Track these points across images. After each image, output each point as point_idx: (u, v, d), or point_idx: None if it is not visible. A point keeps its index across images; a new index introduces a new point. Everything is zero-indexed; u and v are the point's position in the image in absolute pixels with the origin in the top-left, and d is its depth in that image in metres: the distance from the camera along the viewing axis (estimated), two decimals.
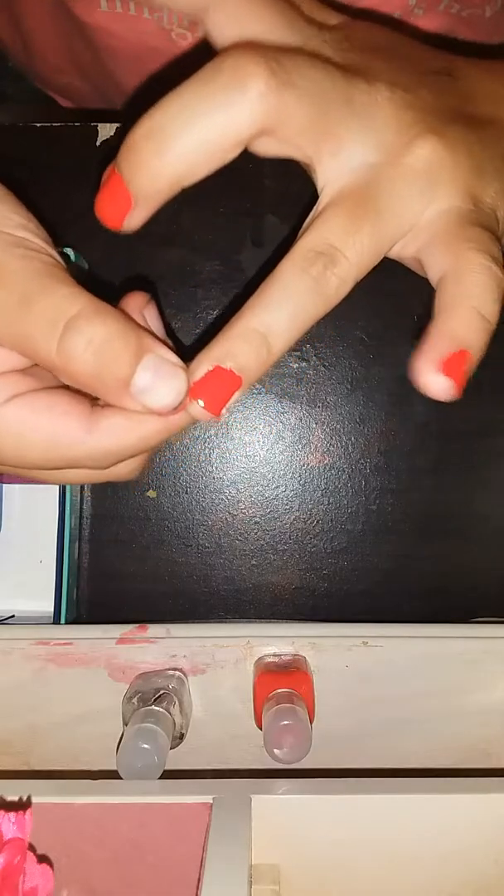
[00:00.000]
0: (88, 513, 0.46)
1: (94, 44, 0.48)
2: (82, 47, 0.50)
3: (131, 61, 0.49)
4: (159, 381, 0.24)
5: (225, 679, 0.39)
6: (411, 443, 0.46)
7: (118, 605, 0.45)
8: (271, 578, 0.46)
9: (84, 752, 0.39)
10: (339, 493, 0.46)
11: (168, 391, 0.24)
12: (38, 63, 0.55)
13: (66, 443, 0.25)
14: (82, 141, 0.46)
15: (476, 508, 0.46)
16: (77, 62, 0.52)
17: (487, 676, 0.40)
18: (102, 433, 0.25)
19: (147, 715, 0.35)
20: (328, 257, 0.24)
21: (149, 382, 0.24)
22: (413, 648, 0.40)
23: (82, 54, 0.51)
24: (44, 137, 0.47)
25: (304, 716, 0.35)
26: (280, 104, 0.23)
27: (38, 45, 0.53)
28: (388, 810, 0.30)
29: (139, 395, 0.24)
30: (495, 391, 0.46)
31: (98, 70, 0.51)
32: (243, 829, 0.28)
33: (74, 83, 0.56)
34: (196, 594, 0.46)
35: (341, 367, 0.46)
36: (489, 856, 0.30)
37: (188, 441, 0.46)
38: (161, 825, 0.29)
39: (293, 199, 0.46)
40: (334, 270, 0.24)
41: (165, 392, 0.24)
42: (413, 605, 0.46)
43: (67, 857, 0.29)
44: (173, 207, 0.45)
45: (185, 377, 0.24)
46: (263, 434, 0.46)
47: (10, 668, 0.39)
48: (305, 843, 0.30)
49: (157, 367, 0.24)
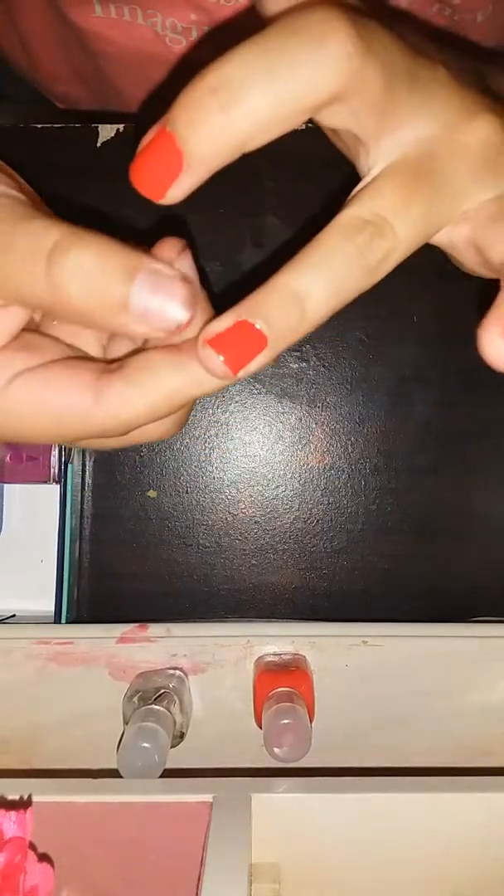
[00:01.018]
0: (89, 512, 0.46)
1: (90, 49, 0.48)
2: (80, 53, 0.50)
3: (127, 67, 0.49)
4: (158, 296, 0.22)
5: (225, 678, 0.39)
6: (411, 443, 0.46)
7: (119, 605, 0.45)
8: (271, 578, 0.46)
9: (85, 751, 0.39)
10: (339, 493, 0.46)
11: (170, 305, 0.22)
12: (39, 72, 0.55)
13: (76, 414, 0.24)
14: (83, 142, 0.46)
15: (476, 508, 0.46)
16: (75, 69, 0.52)
17: (487, 676, 0.40)
18: (110, 401, 0.24)
19: (147, 714, 0.35)
20: (376, 228, 0.23)
21: (146, 300, 0.22)
22: (413, 648, 0.40)
23: (80, 61, 0.51)
24: (44, 138, 0.47)
25: (303, 715, 0.35)
26: (362, 71, 0.21)
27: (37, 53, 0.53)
28: (388, 809, 0.30)
29: (141, 317, 0.22)
30: (495, 391, 0.46)
31: (96, 76, 0.52)
32: (243, 828, 0.28)
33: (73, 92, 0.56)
34: (196, 594, 0.46)
35: (341, 367, 0.46)
36: (489, 854, 0.30)
37: (188, 441, 0.46)
38: (161, 824, 0.29)
39: (293, 199, 0.46)
40: (381, 243, 0.23)
41: (166, 306, 0.22)
42: (413, 605, 0.46)
43: (68, 855, 0.29)
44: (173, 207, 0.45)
45: (186, 289, 0.22)
46: (263, 434, 0.46)
47: (11, 668, 0.39)
48: (305, 842, 0.30)
49: (154, 283, 0.22)
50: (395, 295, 0.45)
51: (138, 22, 0.45)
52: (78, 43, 0.49)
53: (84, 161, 0.46)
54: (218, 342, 0.22)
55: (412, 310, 0.46)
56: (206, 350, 0.22)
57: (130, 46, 0.47)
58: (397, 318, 0.46)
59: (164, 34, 0.46)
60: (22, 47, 0.53)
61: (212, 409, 0.46)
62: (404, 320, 0.46)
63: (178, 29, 0.45)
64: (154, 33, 0.46)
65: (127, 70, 0.49)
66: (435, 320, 0.46)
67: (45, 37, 0.51)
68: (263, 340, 0.22)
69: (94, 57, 0.49)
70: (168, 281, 0.22)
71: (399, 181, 0.23)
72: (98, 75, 0.51)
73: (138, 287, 0.22)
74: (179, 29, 0.45)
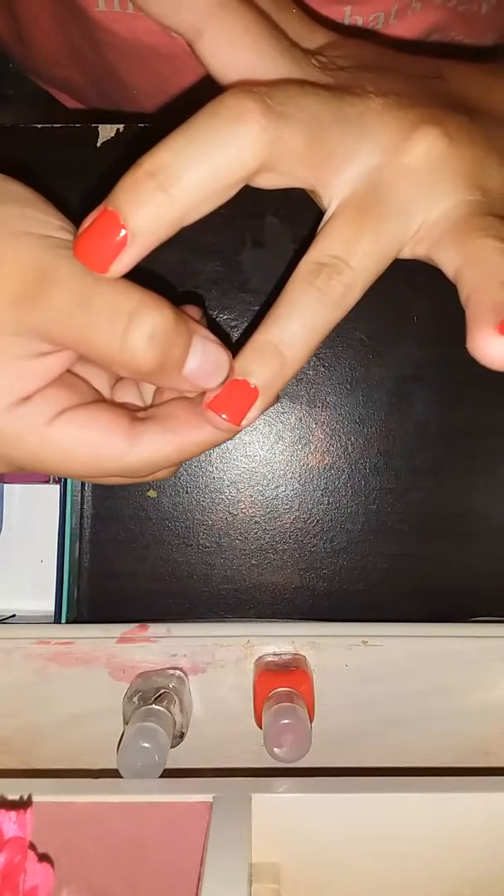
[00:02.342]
0: (89, 512, 0.46)
1: (93, 37, 0.48)
2: (81, 39, 0.50)
3: (131, 58, 0.49)
4: (206, 360, 0.25)
5: (225, 678, 0.39)
6: (411, 443, 0.46)
7: (118, 605, 0.45)
8: (271, 578, 0.46)
9: (85, 751, 0.39)
10: (339, 493, 0.46)
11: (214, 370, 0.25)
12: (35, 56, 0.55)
13: (110, 456, 0.26)
14: (83, 142, 0.46)
15: (476, 508, 0.46)
16: (75, 55, 0.52)
17: (487, 675, 0.40)
18: (144, 446, 0.27)
19: (147, 714, 0.35)
20: (332, 268, 0.25)
21: (198, 364, 0.25)
22: (413, 647, 0.40)
23: (81, 46, 0.51)
24: (44, 139, 0.47)
25: (303, 715, 0.35)
26: (276, 137, 0.24)
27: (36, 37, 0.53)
28: (388, 809, 0.30)
29: (190, 376, 0.25)
30: (495, 391, 0.46)
31: (97, 63, 0.51)
32: (243, 828, 0.28)
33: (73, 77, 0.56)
34: (196, 593, 0.46)
35: (341, 367, 0.46)
36: (489, 854, 0.30)
37: None
38: (161, 824, 0.29)
39: (293, 199, 0.46)
40: (340, 279, 0.25)
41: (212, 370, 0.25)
42: (413, 605, 0.46)
43: (68, 855, 0.29)
44: None
45: (227, 355, 0.26)
46: (263, 434, 0.46)
47: (11, 668, 0.39)
48: (305, 842, 0.30)
49: (204, 349, 0.25)
50: (395, 295, 0.45)
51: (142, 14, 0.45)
52: (80, 28, 0.49)
53: (84, 161, 0.46)
54: (217, 404, 0.26)
55: (412, 310, 0.46)
56: (209, 413, 0.26)
57: (134, 40, 0.47)
58: (397, 318, 0.46)
59: None
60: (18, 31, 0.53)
61: None
62: (404, 320, 0.46)
63: None
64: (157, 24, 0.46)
65: (131, 62, 0.49)
66: (435, 320, 0.46)
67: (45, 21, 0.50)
68: (254, 392, 0.25)
69: (97, 46, 0.49)
70: (215, 349, 0.25)
71: (346, 218, 0.25)
72: (99, 62, 0.51)
73: (193, 353, 0.25)
74: None
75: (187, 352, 0.25)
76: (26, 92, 0.62)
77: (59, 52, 0.53)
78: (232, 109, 0.23)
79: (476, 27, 0.47)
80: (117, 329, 0.24)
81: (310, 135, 0.24)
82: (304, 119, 0.24)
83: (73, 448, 0.26)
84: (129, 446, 0.26)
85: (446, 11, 0.45)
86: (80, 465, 0.27)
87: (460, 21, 0.46)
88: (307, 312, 0.25)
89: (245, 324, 0.46)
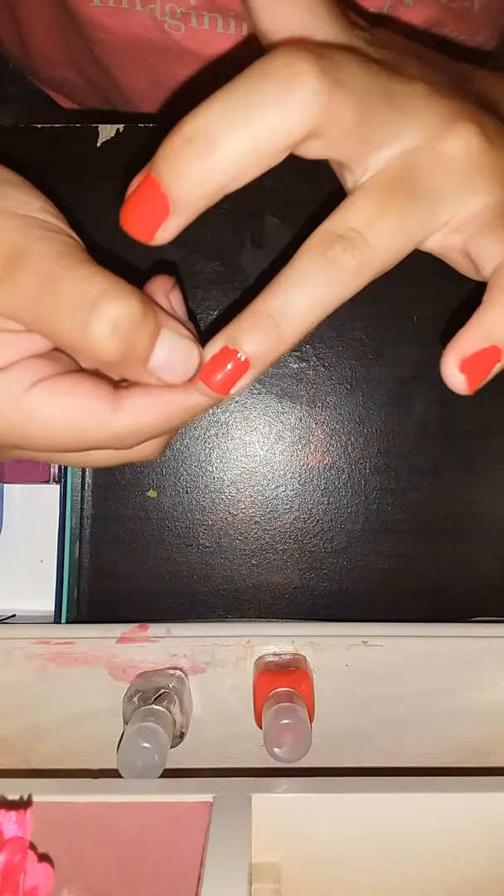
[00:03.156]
0: (89, 512, 0.46)
1: (88, 38, 0.48)
2: (77, 40, 0.50)
3: (125, 55, 0.49)
4: (174, 356, 0.24)
5: (225, 678, 0.39)
6: (411, 443, 0.46)
7: (118, 605, 0.45)
8: (271, 578, 0.46)
9: (84, 751, 0.39)
10: (339, 493, 0.46)
11: (182, 366, 0.24)
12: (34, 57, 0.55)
13: (93, 423, 0.25)
14: (83, 142, 0.46)
15: (476, 508, 0.46)
16: (72, 55, 0.52)
17: (487, 675, 0.40)
18: (127, 411, 0.25)
19: (147, 714, 0.35)
20: (348, 241, 0.23)
21: (166, 357, 0.24)
22: (413, 647, 0.40)
23: (77, 47, 0.51)
24: (44, 139, 0.47)
25: (303, 715, 0.35)
26: (331, 105, 0.22)
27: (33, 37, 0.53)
28: (388, 809, 0.30)
29: (155, 370, 0.24)
30: (495, 391, 0.46)
31: (93, 63, 0.52)
32: (243, 828, 0.28)
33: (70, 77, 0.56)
34: (196, 593, 0.46)
35: (341, 367, 0.46)
36: (489, 854, 0.30)
37: (188, 441, 0.46)
38: (161, 824, 0.29)
39: (293, 199, 0.46)
40: (354, 254, 0.23)
41: (180, 366, 0.24)
42: (412, 605, 0.46)
43: (68, 855, 0.29)
44: None
45: (197, 351, 0.24)
46: (263, 434, 0.46)
47: (11, 668, 0.39)
48: (306, 842, 0.30)
49: (172, 344, 0.24)
50: (395, 295, 0.45)
51: (137, 8, 0.45)
52: (75, 29, 0.49)
53: (84, 161, 0.46)
54: (205, 372, 0.24)
55: (412, 310, 0.46)
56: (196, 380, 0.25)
57: (129, 34, 0.47)
58: (397, 318, 0.46)
59: (164, 20, 0.46)
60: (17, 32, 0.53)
61: (212, 410, 0.46)
62: (404, 320, 0.46)
63: (178, 14, 0.45)
64: (153, 19, 0.46)
65: (125, 58, 0.49)
66: (435, 320, 0.46)
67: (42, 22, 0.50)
68: (245, 365, 0.24)
69: (92, 46, 0.49)
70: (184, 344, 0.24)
71: (373, 193, 0.24)
72: (95, 63, 0.51)
73: (160, 347, 0.24)
74: (178, 14, 0.45)
75: (153, 345, 0.24)
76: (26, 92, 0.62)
77: (56, 52, 0.53)
78: (284, 70, 0.22)
79: (468, 24, 0.47)
80: (79, 317, 0.23)
81: (360, 107, 0.23)
82: (357, 90, 0.23)
83: (52, 415, 0.25)
84: (112, 412, 0.25)
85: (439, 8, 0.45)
86: (60, 433, 0.25)
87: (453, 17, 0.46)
88: (313, 285, 0.24)
89: None
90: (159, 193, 0.23)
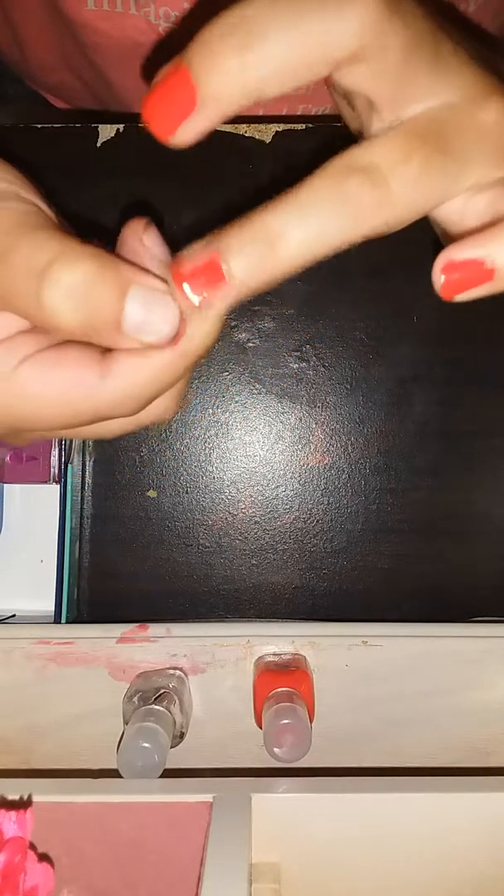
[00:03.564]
0: (89, 512, 0.46)
1: (83, 42, 0.48)
2: (72, 44, 0.50)
3: (120, 58, 0.49)
4: (150, 312, 0.22)
5: (225, 678, 0.39)
6: (411, 443, 0.46)
7: (118, 605, 0.45)
8: (271, 578, 0.46)
9: (85, 751, 0.39)
10: (339, 493, 0.46)
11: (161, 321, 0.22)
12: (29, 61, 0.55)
13: (83, 393, 0.24)
14: (83, 142, 0.46)
15: (476, 508, 0.46)
16: (67, 59, 0.52)
17: (487, 675, 0.40)
18: (116, 377, 0.24)
19: (147, 714, 0.35)
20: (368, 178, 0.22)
21: (140, 316, 0.22)
22: (412, 647, 0.40)
23: (72, 51, 0.51)
24: (44, 139, 0.47)
25: (303, 715, 0.35)
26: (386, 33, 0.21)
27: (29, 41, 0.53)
28: (388, 809, 0.30)
29: (133, 333, 0.22)
30: (495, 391, 0.46)
31: (88, 67, 0.52)
32: (243, 828, 0.28)
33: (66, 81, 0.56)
34: (196, 594, 0.46)
35: (341, 367, 0.46)
36: (489, 854, 0.30)
37: (188, 441, 0.46)
38: (161, 824, 0.29)
39: None
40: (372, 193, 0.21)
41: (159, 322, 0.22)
42: (412, 605, 0.46)
43: (68, 855, 0.29)
44: (173, 207, 0.45)
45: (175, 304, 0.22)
46: (263, 434, 0.46)
47: (12, 668, 0.39)
48: (305, 842, 0.30)
49: (145, 298, 0.22)
50: (395, 295, 0.45)
51: (131, 12, 0.45)
52: (71, 36, 0.49)
53: (84, 161, 0.46)
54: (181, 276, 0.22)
55: (412, 310, 0.46)
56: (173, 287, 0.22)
57: (123, 38, 0.47)
58: (397, 318, 0.46)
59: (158, 23, 0.46)
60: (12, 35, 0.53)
61: (212, 409, 0.46)
62: (404, 320, 0.46)
63: (172, 18, 0.45)
64: (147, 23, 0.46)
65: (120, 62, 0.49)
66: (435, 320, 0.46)
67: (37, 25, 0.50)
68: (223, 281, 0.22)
69: (86, 50, 0.49)
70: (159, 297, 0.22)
71: (403, 138, 0.22)
72: (89, 66, 0.51)
73: (131, 304, 0.22)
74: (172, 18, 0.45)
75: (121, 305, 0.21)
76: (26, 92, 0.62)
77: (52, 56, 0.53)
78: None
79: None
80: (31, 288, 0.21)
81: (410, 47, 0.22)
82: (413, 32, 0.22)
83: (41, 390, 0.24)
84: (101, 379, 0.23)
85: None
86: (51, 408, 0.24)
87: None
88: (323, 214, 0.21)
89: (245, 323, 0.46)
90: (188, 84, 0.21)
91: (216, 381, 0.46)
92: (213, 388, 0.46)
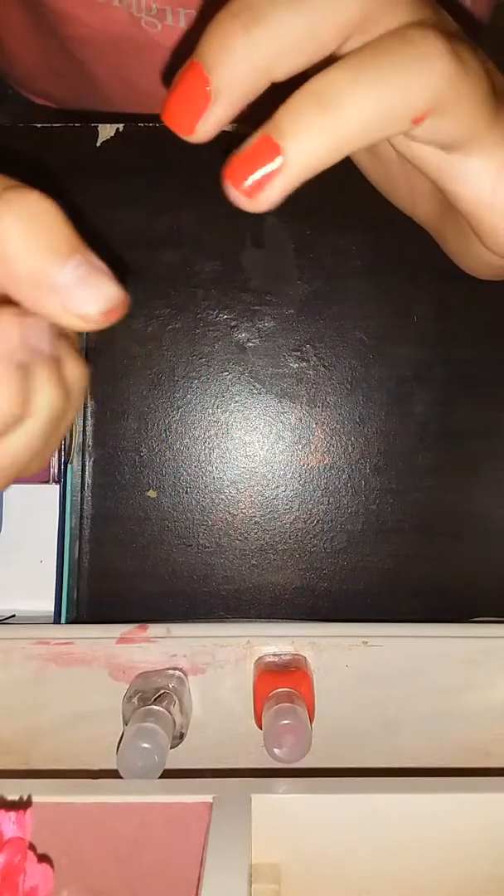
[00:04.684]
0: (88, 513, 0.46)
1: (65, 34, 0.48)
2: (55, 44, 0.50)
3: (102, 51, 0.49)
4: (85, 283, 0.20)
5: (225, 678, 0.39)
6: (411, 443, 0.46)
7: (118, 605, 0.45)
8: (271, 578, 0.46)
9: (84, 752, 0.39)
10: (339, 493, 0.46)
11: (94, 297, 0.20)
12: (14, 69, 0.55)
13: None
14: (83, 142, 0.46)
15: (476, 508, 0.46)
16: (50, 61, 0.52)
17: (487, 676, 0.40)
18: None
19: (147, 714, 0.35)
20: None
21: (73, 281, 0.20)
22: (413, 648, 0.40)
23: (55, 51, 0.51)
24: (44, 138, 0.47)
25: (304, 715, 0.35)
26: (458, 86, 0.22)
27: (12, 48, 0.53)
28: (388, 809, 0.30)
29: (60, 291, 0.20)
30: (495, 391, 0.46)
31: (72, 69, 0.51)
32: (243, 829, 0.28)
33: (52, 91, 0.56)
34: (196, 594, 0.46)
35: (341, 367, 0.46)
36: (489, 855, 0.30)
37: (188, 441, 0.46)
38: (161, 824, 0.29)
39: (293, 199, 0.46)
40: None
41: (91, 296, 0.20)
42: (413, 605, 0.46)
43: (68, 856, 0.29)
44: (173, 207, 0.45)
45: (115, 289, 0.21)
46: (263, 434, 0.46)
47: (11, 668, 0.39)
48: (306, 843, 0.30)
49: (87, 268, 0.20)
50: (395, 295, 0.45)
51: (114, 4, 0.45)
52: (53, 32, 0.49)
53: (84, 161, 0.46)
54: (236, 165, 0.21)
55: (412, 310, 0.46)
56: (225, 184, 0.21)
57: (105, 30, 0.47)
58: (397, 318, 0.46)
59: (140, 16, 0.46)
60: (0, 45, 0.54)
61: (212, 409, 0.46)
62: (404, 320, 0.46)
63: (153, 11, 0.45)
64: (129, 15, 0.46)
65: (102, 55, 0.49)
66: (435, 320, 0.46)
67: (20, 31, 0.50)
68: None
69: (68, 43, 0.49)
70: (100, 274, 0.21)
71: None
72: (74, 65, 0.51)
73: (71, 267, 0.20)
74: (154, 11, 0.45)
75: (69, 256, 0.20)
76: None
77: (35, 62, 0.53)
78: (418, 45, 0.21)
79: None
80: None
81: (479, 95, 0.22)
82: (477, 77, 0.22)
83: None
84: None
85: None
86: None
87: None
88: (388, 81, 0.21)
89: (245, 323, 0.46)
90: (200, 78, 0.20)
91: (216, 381, 0.46)
92: (213, 388, 0.46)
